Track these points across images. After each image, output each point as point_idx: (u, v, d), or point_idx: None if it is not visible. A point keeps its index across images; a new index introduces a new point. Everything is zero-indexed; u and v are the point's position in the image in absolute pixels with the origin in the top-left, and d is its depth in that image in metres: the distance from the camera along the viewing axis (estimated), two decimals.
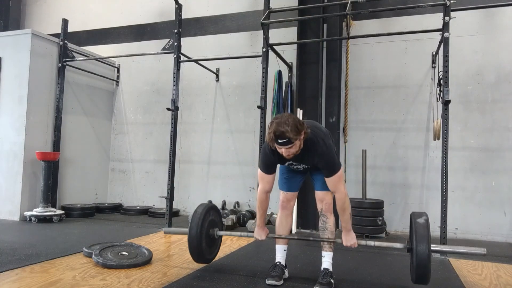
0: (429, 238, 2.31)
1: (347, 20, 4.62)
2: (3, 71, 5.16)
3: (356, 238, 2.60)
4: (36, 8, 7.47)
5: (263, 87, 4.38)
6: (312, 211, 4.73)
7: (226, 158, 5.85)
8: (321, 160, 2.42)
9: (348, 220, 2.54)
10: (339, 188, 2.44)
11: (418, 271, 2.32)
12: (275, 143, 2.26)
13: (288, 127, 2.18)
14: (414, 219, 2.44)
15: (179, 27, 4.86)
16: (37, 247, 3.43)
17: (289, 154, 2.31)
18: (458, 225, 4.71)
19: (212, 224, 2.89)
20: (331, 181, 2.44)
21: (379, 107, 5.16)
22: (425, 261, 2.27)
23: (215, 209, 2.99)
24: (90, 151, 6.14)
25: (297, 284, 2.66)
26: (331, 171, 2.41)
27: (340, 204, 2.47)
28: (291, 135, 2.19)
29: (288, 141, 2.21)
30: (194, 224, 2.73)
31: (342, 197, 2.45)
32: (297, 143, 2.27)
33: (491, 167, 4.67)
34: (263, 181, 2.60)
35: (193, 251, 2.77)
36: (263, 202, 2.66)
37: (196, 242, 2.72)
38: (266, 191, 2.63)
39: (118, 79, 6.61)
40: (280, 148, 2.28)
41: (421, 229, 2.35)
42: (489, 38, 4.78)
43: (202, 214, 2.78)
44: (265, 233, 2.74)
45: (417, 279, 2.37)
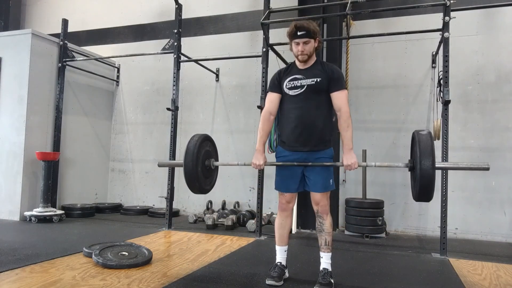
0: (433, 153, 2.21)
1: (347, 20, 4.62)
2: (3, 71, 5.16)
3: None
4: (36, 8, 7.47)
5: (263, 87, 4.38)
6: (312, 211, 4.65)
7: (226, 158, 5.84)
8: (332, 71, 2.59)
9: (350, 138, 2.57)
10: (345, 104, 2.57)
11: (422, 184, 2.22)
12: (294, 39, 2.54)
13: (309, 24, 2.53)
14: (417, 138, 2.33)
15: (179, 27, 4.86)
16: (37, 247, 3.43)
17: (304, 51, 2.54)
18: (458, 225, 4.71)
19: (207, 155, 2.79)
20: (339, 96, 2.56)
21: (379, 107, 5.16)
22: (429, 174, 2.18)
23: (210, 140, 2.88)
24: (90, 151, 6.14)
25: (297, 284, 2.67)
26: (340, 85, 2.58)
27: (345, 119, 2.55)
28: (311, 26, 2.51)
29: (306, 33, 2.50)
30: (189, 155, 2.62)
31: (347, 115, 2.56)
32: (313, 42, 2.55)
33: (491, 167, 4.62)
34: (269, 100, 2.71)
35: (190, 180, 2.65)
36: (266, 121, 2.69)
37: (192, 173, 2.61)
38: (270, 112, 2.69)
39: (118, 79, 6.61)
40: (298, 43, 2.53)
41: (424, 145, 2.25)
42: (489, 38, 4.78)
43: (197, 145, 2.66)
44: (263, 158, 2.68)
45: (420, 195, 2.29)
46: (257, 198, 4.29)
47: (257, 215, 4.31)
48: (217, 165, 2.87)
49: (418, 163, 2.24)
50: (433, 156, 2.22)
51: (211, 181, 2.90)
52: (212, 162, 2.82)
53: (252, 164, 2.68)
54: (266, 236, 4.27)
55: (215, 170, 2.92)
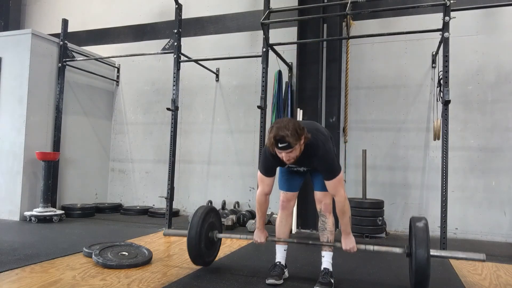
0: (428, 243, 2.31)
1: (347, 20, 4.62)
2: (3, 71, 5.16)
3: (356, 241, 2.61)
4: (36, 8, 7.47)
5: (263, 87, 4.38)
6: (312, 211, 4.73)
7: (226, 158, 5.85)
8: (320, 164, 2.43)
9: (347, 224, 2.54)
10: (339, 192, 2.44)
11: (417, 277, 2.32)
12: (275, 148, 2.27)
13: (288, 132, 2.20)
14: (413, 223, 2.45)
15: (179, 27, 4.86)
16: (37, 247, 3.43)
17: (289, 159, 2.31)
18: (458, 225, 4.71)
19: (211, 226, 2.89)
20: (331, 184, 2.44)
21: (379, 107, 5.16)
22: (424, 267, 2.28)
23: (214, 211, 2.98)
24: (90, 151, 6.14)
25: (297, 284, 2.66)
26: (330, 175, 2.42)
27: (340, 207, 2.47)
28: (291, 139, 2.20)
29: (288, 145, 2.22)
30: (194, 227, 2.73)
31: (342, 200, 2.45)
32: (297, 148, 2.27)
33: (491, 167, 4.67)
34: (263, 183, 2.61)
35: (192, 254, 2.77)
36: (263, 204, 2.67)
37: (195, 245, 2.72)
38: (266, 194, 2.64)
39: (118, 79, 6.61)
40: (281, 152, 2.29)
41: (420, 233, 2.36)
42: (489, 38, 4.78)
43: (202, 217, 2.78)
44: (264, 235, 2.75)
45: (416, 285, 2.37)
46: None
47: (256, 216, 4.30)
48: (220, 237, 2.97)
49: (414, 250, 2.34)
50: (428, 245, 2.31)
51: (214, 252, 3.01)
52: (215, 234, 2.92)
53: (254, 241, 2.76)
54: None
55: (218, 241, 3.03)
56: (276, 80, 5.37)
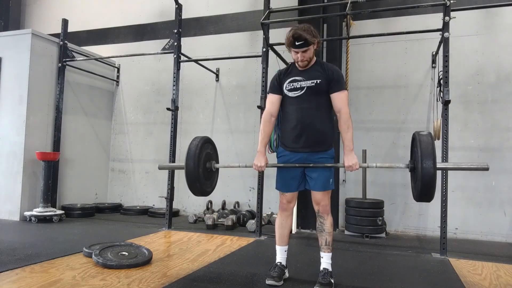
0: (434, 154, 2.22)
1: (347, 20, 4.61)
2: (3, 71, 5.16)
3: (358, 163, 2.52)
4: (36, 8, 7.47)
5: (263, 87, 4.38)
6: (312, 211, 4.66)
7: (226, 158, 5.84)
8: (332, 72, 2.58)
9: (350, 139, 2.56)
10: (345, 105, 2.56)
11: (423, 184, 2.23)
12: (292, 48, 2.52)
13: (305, 31, 2.49)
14: (417, 139, 2.34)
15: (179, 27, 4.86)
16: (37, 247, 3.43)
17: (303, 59, 2.54)
18: (458, 225, 4.71)
19: (208, 157, 2.79)
20: (339, 97, 2.56)
21: (379, 107, 5.16)
22: (430, 175, 2.19)
23: (211, 142, 2.88)
24: (90, 151, 6.14)
25: (297, 284, 2.66)
26: (340, 85, 2.58)
27: (345, 120, 2.54)
28: (308, 36, 2.47)
29: (304, 43, 2.48)
30: (191, 157, 2.62)
31: (347, 115, 2.55)
32: (312, 48, 2.54)
33: (491, 167, 4.61)
34: (269, 101, 2.71)
35: (191, 182, 2.65)
36: (267, 123, 2.68)
37: (194, 175, 2.62)
38: (271, 113, 2.68)
39: (118, 79, 6.61)
40: (297, 52, 2.52)
41: (425, 146, 2.26)
42: (489, 38, 4.78)
43: (198, 147, 2.67)
44: (265, 160, 2.67)
45: (421, 195, 2.30)
46: (257, 198, 4.29)
47: (257, 215, 4.31)
48: (218, 167, 2.87)
49: (419, 163, 2.24)
50: (434, 157, 2.22)
51: (212, 183, 2.91)
52: (213, 164, 2.82)
53: (254, 165, 2.67)
54: (266, 236, 4.27)
55: (216, 172, 2.93)
56: None
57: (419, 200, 2.37)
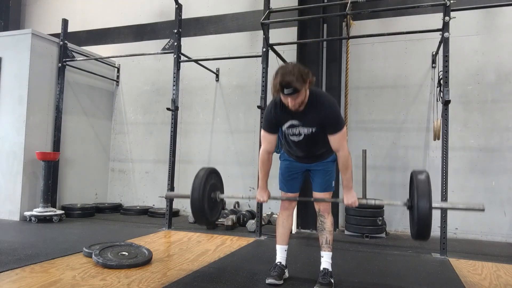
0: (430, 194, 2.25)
1: (347, 20, 4.61)
2: (3, 71, 5.15)
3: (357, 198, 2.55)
4: (36, 8, 7.47)
5: (263, 87, 4.38)
6: (312, 211, 4.72)
7: (226, 158, 5.85)
8: (326, 114, 2.41)
9: (349, 179, 2.55)
10: (343, 146, 2.46)
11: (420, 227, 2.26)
12: (281, 94, 2.26)
13: (294, 77, 2.18)
14: (415, 176, 2.37)
15: (179, 27, 4.86)
16: (37, 247, 3.43)
17: (294, 104, 2.30)
18: (458, 225, 4.71)
19: (213, 187, 2.82)
20: (335, 139, 2.44)
21: (379, 107, 5.16)
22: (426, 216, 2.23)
23: (216, 172, 2.92)
24: (90, 151, 6.13)
25: (297, 284, 2.66)
26: (335, 128, 2.42)
27: (343, 162, 2.48)
28: (297, 84, 2.19)
29: (294, 90, 2.21)
30: (196, 187, 2.65)
31: (345, 155, 2.47)
32: (303, 92, 2.27)
33: (491, 167, 4.67)
34: (266, 140, 2.59)
35: (196, 214, 2.69)
36: (265, 162, 2.64)
37: (198, 205, 2.64)
38: (268, 151, 2.62)
39: (118, 79, 6.61)
40: (286, 98, 2.28)
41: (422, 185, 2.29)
42: (489, 38, 4.78)
43: (204, 178, 2.70)
44: (267, 194, 2.69)
45: (418, 235, 2.33)
46: None
47: (257, 215, 4.31)
48: (222, 197, 2.93)
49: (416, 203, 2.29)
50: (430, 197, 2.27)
51: (216, 213, 2.97)
52: (217, 194, 2.88)
53: (257, 199, 2.72)
54: (266, 236, 4.27)
55: (221, 202, 2.99)
56: None
57: (416, 238, 2.38)
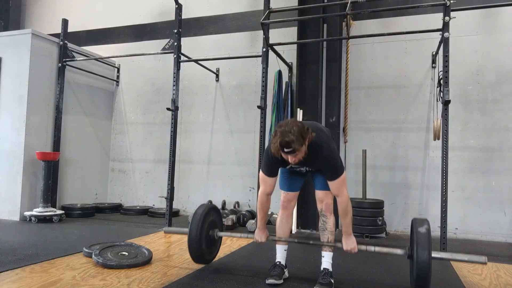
0: (430, 247, 2.31)
1: (347, 20, 4.61)
2: (3, 71, 5.15)
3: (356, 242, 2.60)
4: (36, 8, 7.47)
5: (263, 87, 4.38)
6: (312, 211, 4.73)
7: (226, 158, 5.85)
8: (325, 164, 2.43)
9: (349, 224, 2.55)
10: (342, 192, 2.44)
11: (418, 280, 2.32)
12: (281, 152, 2.27)
13: (294, 136, 2.18)
14: (415, 226, 2.43)
15: (179, 27, 4.86)
16: (37, 247, 3.43)
17: (295, 160, 2.31)
18: (458, 225, 4.71)
19: (212, 225, 2.89)
20: (334, 185, 2.44)
21: (379, 107, 5.16)
22: (425, 269, 2.28)
23: (215, 209, 2.99)
24: (90, 151, 6.13)
25: (297, 284, 2.66)
26: (334, 175, 2.42)
27: (343, 208, 2.47)
28: (297, 145, 2.19)
29: (292, 150, 2.22)
30: (194, 225, 2.73)
31: (345, 201, 2.45)
32: (303, 149, 2.27)
33: (491, 167, 4.67)
34: (265, 183, 2.61)
35: (193, 253, 2.78)
36: (264, 204, 2.67)
37: (196, 243, 2.73)
38: (267, 194, 2.64)
39: (118, 79, 6.61)
40: (286, 155, 2.30)
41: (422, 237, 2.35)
42: (489, 38, 4.78)
43: (202, 215, 2.78)
44: (265, 235, 2.75)
45: (417, 283, 2.36)
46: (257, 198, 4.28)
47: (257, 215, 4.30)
48: (220, 235, 2.97)
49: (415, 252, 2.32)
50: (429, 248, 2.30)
51: (214, 250, 3.01)
52: (216, 233, 2.91)
53: (255, 240, 2.76)
54: None
55: (219, 239, 3.04)
56: (276, 80, 5.37)
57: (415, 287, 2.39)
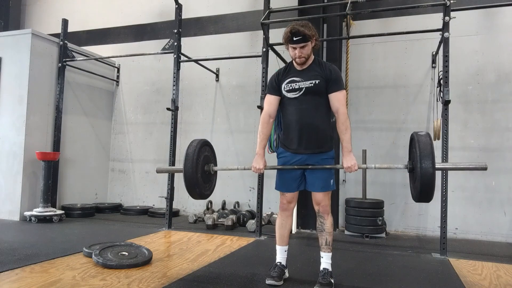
0: (433, 154, 2.22)
1: (347, 20, 4.61)
2: (3, 71, 5.16)
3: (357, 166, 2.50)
4: (36, 8, 7.47)
5: (263, 87, 4.38)
6: (312, 211, 4.66)
7: (226, 158, 5.84)
8: (331, 72, 2.58)
9: (348, 140, 2.55)
10: (343, 105, 2.56)
11: (422, 192, 2.24)
12: (290, 44, 2.54)
13: (303, 27, 2.50)
14: (416, 139, 2.34)
15: (179, 27, 4.86)
16: (37, 247, 3.43)
17: (301, 55, 2.54)
18: (458, 225, 4.71)
19: (206, 159, 2.79)
20: (337, 97, 2.56)
21: (379, 107, 5.16)
22: (429, 180, 2.20)
23: (209, 145, 2.88)
24: (90, 151, 6.14)
25: (297, 284, 2.67)
26: (338, 86, 2.57)
27: (343, 121, 2.53)
28: (306, 30, 2.48)
29: (302, 38, 2.49)
30: (189, 159, 2.62)
31: (345, 114, 2.55)
32: (309, 44, 2.54)
33: (491, 167, 4.63)
34: (268, 102, 2.70)
35: (191, 188, 2.65)
36: (265, 124, 2.68)
37: (192, 176, 2.61)
38: (269, 114, 2.68)
39: (118, 79, 6.61)
40: (295, 48, 2.53)
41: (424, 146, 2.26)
42: (489, 38, 4.78)
43: (196, 149, 2.66)
44: (263, 162, 2.68)
45: (420, 195, 2.29)
46: (257, 198, 4.29)
47: (257, 215, 4.31)
48: (216, 170, 2.87)
49: (418, 164, 2.24)
50: (433, 156, 2.22)
51: (210, 186, 2.91)
52: (211, 167, 2.82)
53: (252, 167, 2.69)
54: (266, 236, 4.27)
55: (214, 174, 2.92)
56: None
57: (418, 200, 2.37)
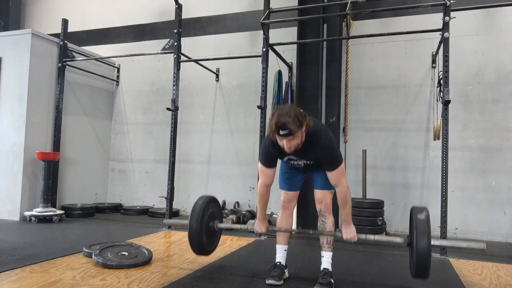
0: (429, 233, 2.28)
1: (347, 20, 4.61)
2: (3, 71, 5.15)
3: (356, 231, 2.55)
4: (36, 8, 7.47)
5: (263, 87, 4.38)
6: (312, 211, 4.71)
7: (226, 158, 5.85)
8: (323, 154, 2.40)
9: (348, 213, 2.53)
10: (341, 182, 2.43)
11: (418, 266, 2.29)
12: (277, 135, 2.24)
13: (290, 118, 2.15)
14: (414, 214, 2.40)
15: (179, 27, 4.86)
16: (37, 247, 3.43)
17: (290, 147, 2.26)
18: (458, 225, 4.71)
19: (212, 216, 2.84)
20: (333, 175, 2.43)
21: (379, 107, 5.16)
22: (425, 256, 2.25)
23: (215, 201, 2.93)
24: (90, 151, 6.13)
25: (297, 284, 2.66)
26: (333, 165, 2.40)
27: (342, 197, 2.46)
28: (293, 126, 2.16)
29: (289, 132, 2.18)
30: (195, 216, 2.68)
31: (344, 191, 2.44)
32: (299, 135, 2.24)
33: (491, 167, 4.67)
34: (264, 174, 2.59)
35: (193, 244, 2.72)
36: (264, 195, 2.66)
37: (196, 235, 2.67)
38: (267, 185, 2.62)
39: (118, 79, 6.61)
40: (282, 140, 2.25)
41: (421, 224, 2.31)
42: (489, 38, 4.78)
43: (202, 206, 2.73)
44: (265, 226, 2.73)
45: (416, 274, 2.34)
46: None
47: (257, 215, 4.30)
48: (220, 227, 2.95)
49: (415, 240, 2.30)
50: (429, 235, 2.27)
51: (214, 242, 2.98)
52: (216, 224, 2.89)
53: (255, 230, 2.75)
54: (266, 236, 4.27)
55: (219, 231, 3.01)
56: (276, 80, 5.37)
57: (415, 276, 2.38)
